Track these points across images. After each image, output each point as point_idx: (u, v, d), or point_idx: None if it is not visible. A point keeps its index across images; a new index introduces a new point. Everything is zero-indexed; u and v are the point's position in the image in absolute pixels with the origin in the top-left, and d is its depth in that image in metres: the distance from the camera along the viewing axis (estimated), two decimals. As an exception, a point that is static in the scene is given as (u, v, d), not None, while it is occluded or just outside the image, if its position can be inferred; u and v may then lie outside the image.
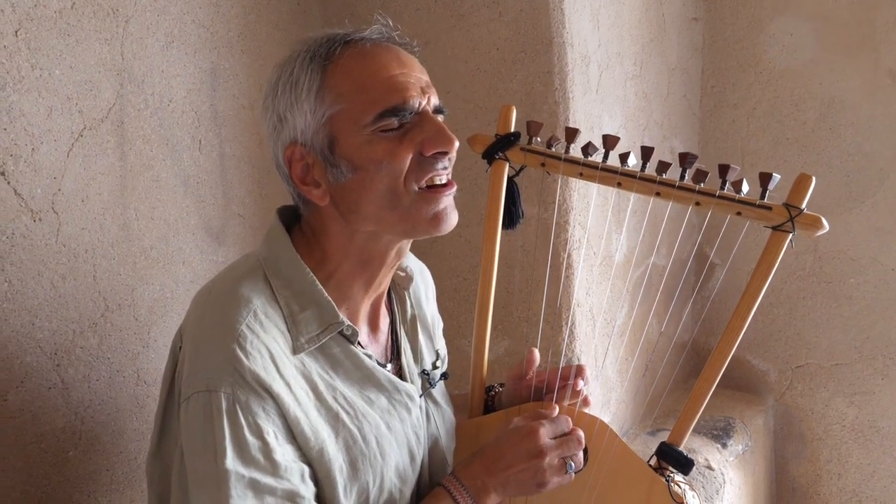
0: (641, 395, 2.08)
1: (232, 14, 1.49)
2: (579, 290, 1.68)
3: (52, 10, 1.16)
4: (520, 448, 0.99)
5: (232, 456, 0.85)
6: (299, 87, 0.92)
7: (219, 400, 0.85)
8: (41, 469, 1.17)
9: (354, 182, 0.93)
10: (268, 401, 0.87)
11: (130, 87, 1.29)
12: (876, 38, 2.02)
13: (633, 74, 1.88)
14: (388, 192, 0.92)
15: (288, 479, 0.88)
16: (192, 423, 0.87)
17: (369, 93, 0.91)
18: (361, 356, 0.98)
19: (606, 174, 1.05)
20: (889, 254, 2.10)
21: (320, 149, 0.93)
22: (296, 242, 0.98)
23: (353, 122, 0.91)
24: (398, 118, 0.92)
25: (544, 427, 1.01)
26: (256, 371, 0.86)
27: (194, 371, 0.88)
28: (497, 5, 1.58)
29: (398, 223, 0.94)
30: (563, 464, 1.00)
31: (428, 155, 0.92)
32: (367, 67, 0.92)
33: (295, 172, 0.95)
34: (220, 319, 0.89)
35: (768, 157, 2.21)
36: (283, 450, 0.88)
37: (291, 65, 0.94)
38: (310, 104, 0.92)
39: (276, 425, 0.88)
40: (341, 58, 0.92)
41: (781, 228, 0.99)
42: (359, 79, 0.92)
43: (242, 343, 0.87)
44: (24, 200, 1.13)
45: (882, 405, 2.19)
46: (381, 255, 0.99)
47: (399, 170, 0.92)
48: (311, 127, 0.92)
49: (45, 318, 1.17)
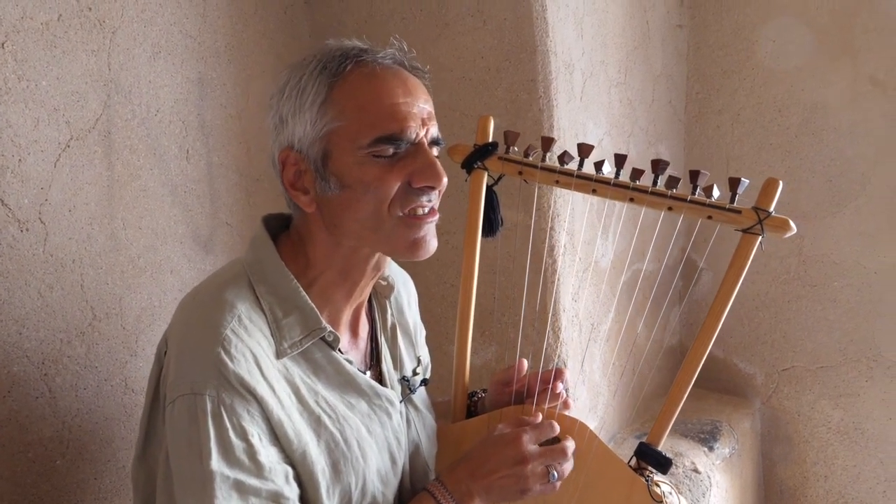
0: (628, 399, 2.09)
1: (219, 24, 1.50)
2: (565, 296, 1.69)
3: (39, 22, 1.17)
4: (503, 454, 1.01)
5: (217, 457, 0.86)
6: (304, 96, 0.94)
7: (203, 402, 0.87)
8: (29, 478, 1.18)
9: (341, 198, 0.95)
10: (252, 403, 0.88)
11: (117, 98, 1.30)
12: (856, 44, 2.05)
13: (617, 82, 1.90)
14: (372, 214, 0.94)
15: (272, 480, 0.89)
16: (177, 426, 0.88)
17: (370, 116, 0.93)
18: (342, 361, 1.00)
19: (582, 181, 1.08)
20: (872, 257, 2.13)
21: (314, 159, 0.95)
22: (281, 249, 1.00)
23: (350, 141, 0.93)
24: (393, 146, 0.93)
25: (528, 434, 1.03)
26: (241, 374, 0.87)
27: (179, 375, 0.90)
28: (481, 14, 1.60)
29: (377, 244, 0.98)
30: (546, 472, 1.02)
31: (416, 187, 0.95)
32: (372, 90, 0.93)
33: (286, 175, 0.97)
34: (205, 324, 0.91)
35: (752, 162, 2.23)
36: (267, 451, 0.90)
37: (302, 71, 0.95)
38: (311, 115, 0.93)
39: (261, 427, 0.89)
40: (350, 76, 0.93)
41: (751, 231, 1.02)
42: (362, 100, 0.93)
43: (227, 347, 0.88)
44: (11, 211, 1.14)
45: (867, 407, 2.21)
46: (362, 267, 1.01)
47: (385, 196, 0.94)
48: (309, 137, 0.94)
49: (33, 327, 1.18)
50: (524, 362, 1.18)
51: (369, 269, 1.02)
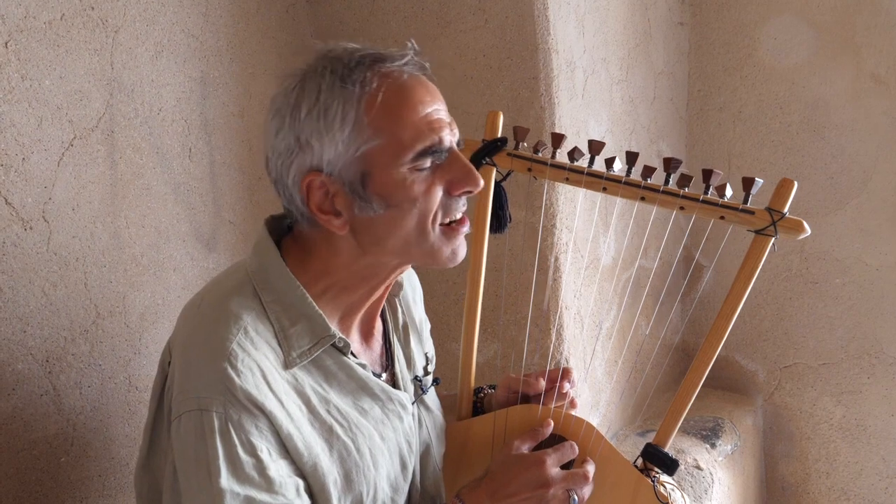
0: (630, 396, 2.09)
1: (221, 23, 1.50)
2: (567, 293, 1.69)
3: (42, 22, 1.17)
4: (526, 477, 1.01)
5: (226, 474, 0.85)
6: (330, 116, 0.88)
7: (211, 419, 0.85)
8: (33, 475, 1.18)
9: (385, 218, 0.92)
10: (260, 418, 0.87)
11: (120, 97, 1.30)
12: (858, 41, 2.04)
13: (619, 79, 1.90)
14: (416, 229, 0.93)
15: (283, 494, 0.88)
16: (184, 443, 0.88)
17: (408, 130, 0.89)
18: (355, 366, 0.98)
19: (592, 179, 1.07)
20: (873, 254, 2.13)
21: (349, 181, 0.90)
22: (286, 253, 0.97)
23: (391, 158, 0.90)
24: (434, 157, 0.92)
25: (551, 457, 1.03)
26: (248, 389, 0.86)
27: (185, 390, 0.88)
28: (483, 12, 1.60)
29: (419, 258, 0.96)
30: (567, 496, 1.02)
31: (455, 194, 0.94)
32: (405, 103, 0.90)
33: (313, 200, 0.92)
34: (210, 337, 0.89)
35: (754, 159, 2.23)
36: (276, 466, 0.88)
37: (316, 86, 0.89)
38: (343, 136, 0.88)
39: (270, 442, 0.88)
40: (379, 91, 0.89)
41: (764, 232, 1.00)
42: (397, 115, 0.89)
43: (233, 362, 0.87)
44: (15, 209, 1.14)
45: (868, 404, 2.21)
46: (384, 276, 1.00)
47: (430, 208, 0.92)
48: (343, 159, 0.89)
49: (37, 325, 1.18)
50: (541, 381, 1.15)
51: (391, 277, 1.00)
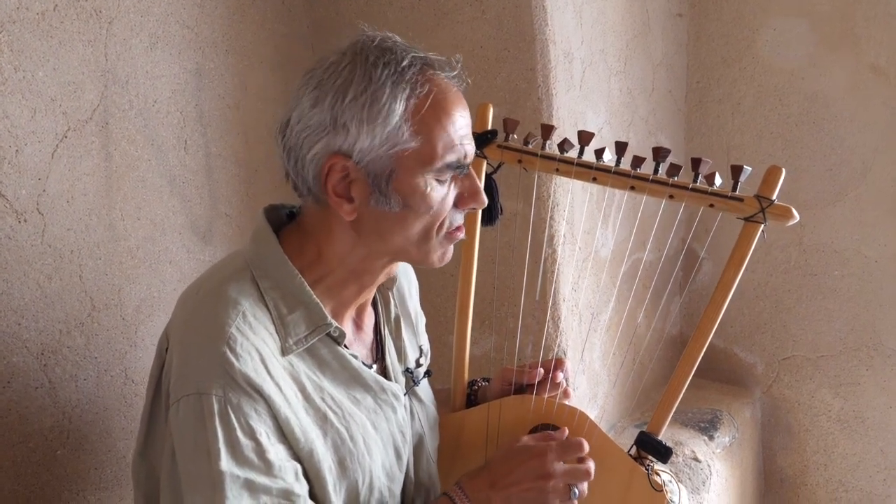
0: (629, 388, 2.10)
1: (216, 14, 1.50)
2: (565, 286, 1.69)
3: (35, 13, 1.16)
4: (528, 467, 1.02)
5: (226, 457, 0.85)
6: (376, 109, 0.89)
7: (210, 403, 0.86)
8: (29, 468, 1.18)
9: (398, 216, 0.93)
10: (259, 402, 0.88)
11: (115, 88, 1.29)
12: (857, 32, 2.04)
13: (617, 70, 1.89)
14: (421, 231, 0.95)
15: (282, 477, 0.89)
16: (183, 427, 0.88)
17: (444, 142, 0.92)
18: (348, 357, 0.99)
19: (582, 169, 1.08)
20: (872, 246, 2.13)
21: (374, 174, 0.91)
22: (285, 242, 0.98)
23: (420, 164, 0.92)
24: (457, 171, 0.95)
25: (554, 451, 1.03)
26: (247, 373, 0.87)
27: (184, 374, 0.89)
28: (480, 3, 1.59)
29: (413, 257, 0.99)
30: (567, 490, 1.02)
31: (461, 208, 0.98)
32: (447, 115, 0.92)
33: (331, 181, 0.92)
34: (209, 322, 0.90)
35: (753, 151, 2.22)
36: (275, 449, 0.89)
37: (367, 74, 0.89)
38: (383, 131, 0.89)
39: (268, 425, 0.89)
40: (428, 97, 0.91)
41: (753, 219, 1.01)
42: (439, 125, 0.92)
43: (232, 345, 0.87)
44: (9, 202, 1.14)
45: (867, 396, 2.21)
46: (376, 271, 1.01)
47: (440, 216, 0.96)
48: (375, 152, 0.90)
49: (32, 318, 1.18)
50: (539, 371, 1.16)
51: (382, 273, 1.02)
